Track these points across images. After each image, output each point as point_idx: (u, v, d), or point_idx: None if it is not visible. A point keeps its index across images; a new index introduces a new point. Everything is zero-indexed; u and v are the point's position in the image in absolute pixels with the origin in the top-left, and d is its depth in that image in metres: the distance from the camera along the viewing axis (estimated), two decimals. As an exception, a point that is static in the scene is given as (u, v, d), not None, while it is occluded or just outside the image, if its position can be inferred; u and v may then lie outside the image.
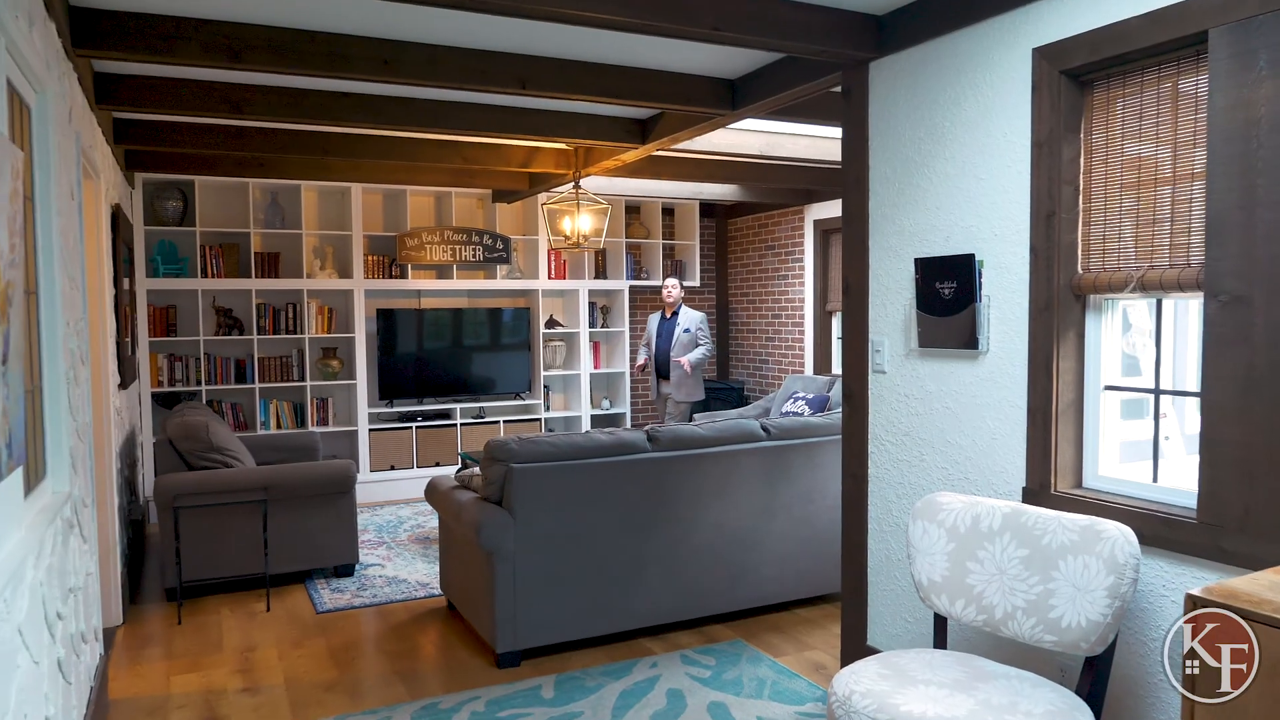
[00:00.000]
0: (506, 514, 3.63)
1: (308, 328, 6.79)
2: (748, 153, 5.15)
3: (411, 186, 6.89)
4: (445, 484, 4.21)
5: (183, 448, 4.61)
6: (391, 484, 6.97)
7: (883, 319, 3.28)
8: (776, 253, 8.08)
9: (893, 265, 3.21)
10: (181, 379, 6.51)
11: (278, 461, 5.78)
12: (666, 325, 7.00)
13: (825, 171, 6.45)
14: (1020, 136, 2.71)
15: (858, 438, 3.39)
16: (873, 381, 3.33)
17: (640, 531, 3.87)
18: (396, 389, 7.14)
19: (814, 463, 4.27)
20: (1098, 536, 2.28)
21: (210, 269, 6.49)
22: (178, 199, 6.38)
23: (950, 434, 3.00)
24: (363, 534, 5.85)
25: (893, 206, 3.20)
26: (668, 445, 3.95)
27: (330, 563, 4.88)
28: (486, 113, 4.43)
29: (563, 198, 5.62)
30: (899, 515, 3.23)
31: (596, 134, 4.73)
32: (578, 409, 7.77)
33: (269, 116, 4.06)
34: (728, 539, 4.06)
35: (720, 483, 4.04)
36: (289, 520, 4.72)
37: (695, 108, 4.01)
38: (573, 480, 3.73)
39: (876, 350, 3.30)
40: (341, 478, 4.81)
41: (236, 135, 4.90)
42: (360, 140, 5.12)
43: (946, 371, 3.00)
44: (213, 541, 4.56)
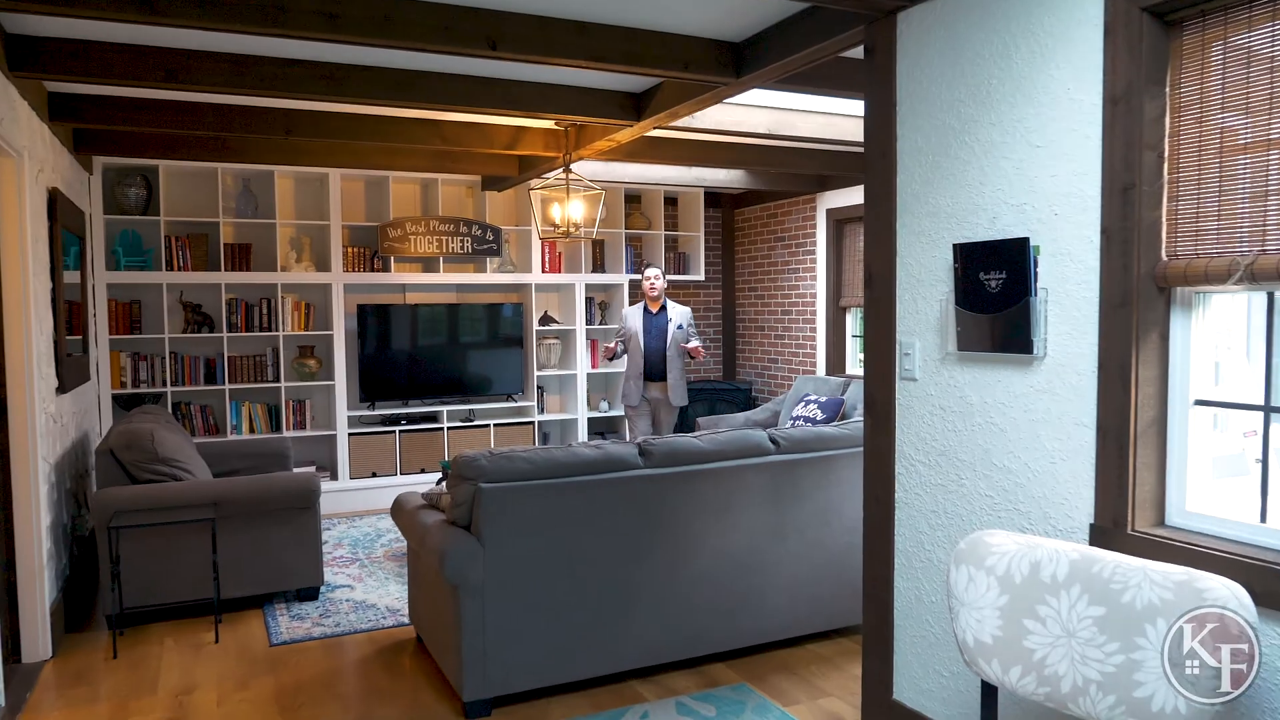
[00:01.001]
0: (475, 541, 3.15)
1: (283, 324, 6.32)
2: (754, 131, 4.64)
3: (394, 172, 6.41)
4: (412, 502, 3.73)
5: (125, 459, 4.15)
6: (372, 492, 6.50)
7: (913, 316, 2.78)
8: (786, 244, 7.57)
9: (925, 253, 2.71)
10: (146, 379, 6.06)
11: (245, 470, 5.33)
12: (655, 321, 6.27)
13: (839, 155, 5.95)
14: (1088, 92, 2.21)
15: (882, 456, 2.90)
16: (900, 390, 2.84)
17: (630, 559, 3.38)
18: (379, 390, 6.67)
19: (829, 479, 3.77)
20: (1199, 596, 1.77)
21: (177, 261, 6.03)
22: (141, 186, 5.91)
23: (997, 455, 2.50)
24: (336, 549, 5.38)
25: (925, 184, 2.69)
26: (662, 460, 3.46)
27: (292, 586, 4.41)
28: (459, 83, 3.94)
29: (551, 183, 5.13)
30: (932, 549, 2.73)
31: (586, 109, 4.24)
32: (574, 411, 7.28)
33: (210, 86, 3.58)
34: (731, 566, 3.57)
35: (722, 502, 3.55)
36: (244, 540, 4.25)
37: (694, 75, 3.51)
38: (552, 502, 3.24)
39: (905, 353, 2.80)
40: (302, 492, 4.34)
41: (187, 112, 4.43)
42: (326, 118, 4.64)
43: (992, 380, 2.50)
44: (157, 564, 4.10)
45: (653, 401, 6.28)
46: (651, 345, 6.24)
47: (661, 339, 6.22)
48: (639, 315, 6.29)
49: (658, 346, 6.23)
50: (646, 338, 6.25)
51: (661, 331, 6.24)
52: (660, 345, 6.22)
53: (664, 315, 6.26)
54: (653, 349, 6.23)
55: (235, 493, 4.21)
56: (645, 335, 6.24)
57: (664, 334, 6.23)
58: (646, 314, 6.29)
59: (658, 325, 6.27)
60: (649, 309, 6.29)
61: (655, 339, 6.25)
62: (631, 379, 6.27)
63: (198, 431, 6.21)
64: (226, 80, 3.58)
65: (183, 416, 6.18)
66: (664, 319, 6.26)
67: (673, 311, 6.27)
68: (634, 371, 6.25)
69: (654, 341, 6.24)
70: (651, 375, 6.25)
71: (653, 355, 6.23)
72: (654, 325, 6.28)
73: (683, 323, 6.25)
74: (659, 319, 6.27)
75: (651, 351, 6.23)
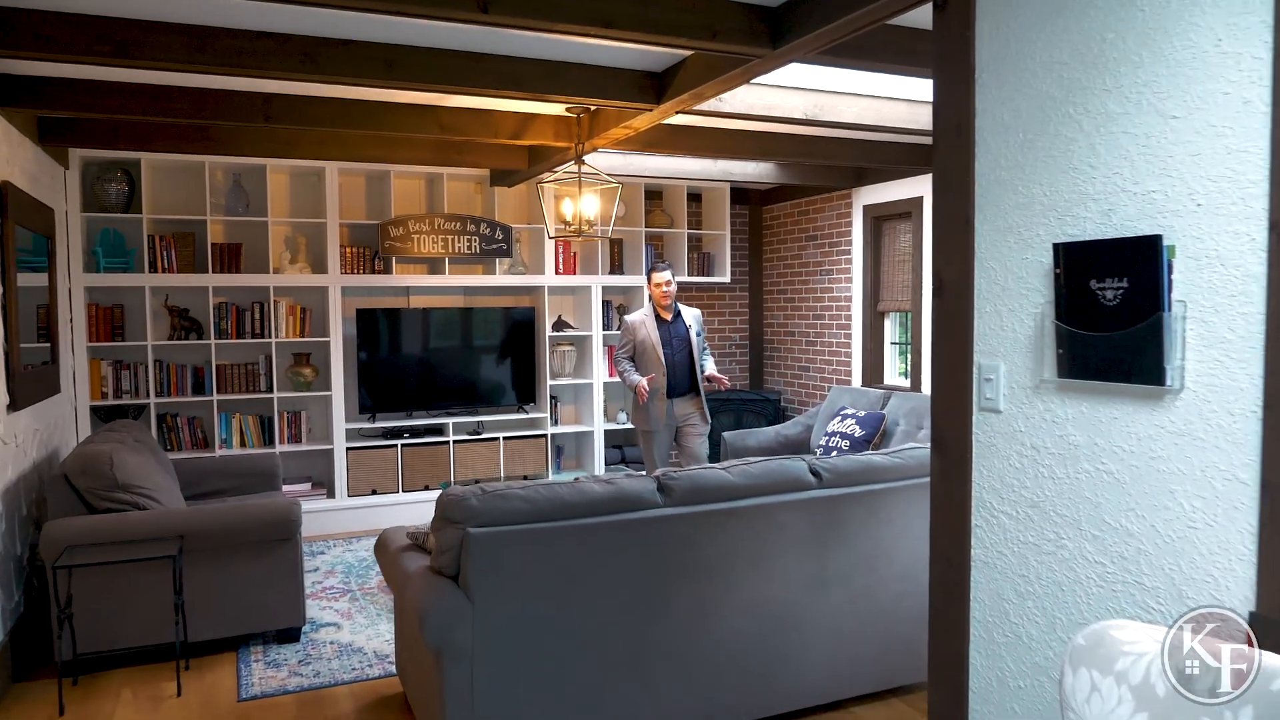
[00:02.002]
0: (462, 595, 2.65)
1: (276, 330, 5.87)
2: (789, 116, 4.11)
3: (395, 166, 5.94)
4: (396, 542, 3.24)
5: (81, 485, 3.70)
6: (372, 511, 6.04)
7: (996, 333, 2.24)
8: (819, 244, 7.03)
9: (1014, 254, 2.17)
10: (129, 390, 5.63)
11: (229, 490, 4.89)
12: (671, 330, 5.44)
13: (878, 145, 5.41)
14: (1249, 43, 1.67)
15: (954, 504, 2.36)
16: (979, 424, 2.30)
17: (647, 615, 2.87)
18: (380, 401, 6.20)
19: (878, 517, 3.24)
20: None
21: (161, 262, 5.59)
22: (122, 181, 5.48)
23: (1111, 512, 1.96)
24: (327, 576, 4.92)
25: (1015, 167, 2.16)
26: (685, 498, 2.95)
27: (269, 626, 3.94)
28: (452, 60, 3.45)
29: (561, 176, 4.63)
30: (1021, 623, 2.20)
31: (598, 90, 3.74)
32: (589, 423, 6.78)
33: (168, 62, 3.11)
34: (764, 621, 3.05)
35: (755, 546, 3.03)
36: (215, 575, 3.79)
37: (723, 46, 2.99)
38: (555, 548, 2.74)
39: (986, 379, 2.26)
40: (281, 522, 3.86)
41: (158, 96, 3.97)
42: (309, 103, 4.17)
43: (1106, 416, 1.97)
44: (116, 603, 3.64)
45: (681, 420, 5.48)
46: (675, 358, 5.44)
47: (684, 350, 5.46)
48: (651, 324, 5.45)
49: (682, 359, 5.44)
50: (667, 350, 5.43)
51: (682, 341, 5.47)
52: (684, 357, 5.45)
53: (680, 322, 5.50)
54: (677, 361, 5.43)
55: (204, 523, 3.75)
56: (665, 348, 5.42)
57: (685, 343, 5.47)
58: (660, 323, 5.48)
59: (676, 334, 5.48)
60: (660, 316, 5.48)
61: (678, 350, 5.45)
62: (653, 399, 5.40)
63: (185, 445, 5.78)
64: (185, 55, 3.11)
65: (169, 429, 5.74)
66: (681, 326, 5.49)
67: (688, 316, 5.54)
68: (654, 390, 5.41)
69: (677, 354, 5.45)
70: (677, 391, 5.44)
71: (678, 369, 5.43)
72: (673, 334, 5.47)
73: (699, 328, 5.55)
74: (675, 326, 5.49)
75: (676, 365, 5.43)
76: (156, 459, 4.32)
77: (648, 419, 5.43)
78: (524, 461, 6.47)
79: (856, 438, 5.38)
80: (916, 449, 3.41)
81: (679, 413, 5.46)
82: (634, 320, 5.51)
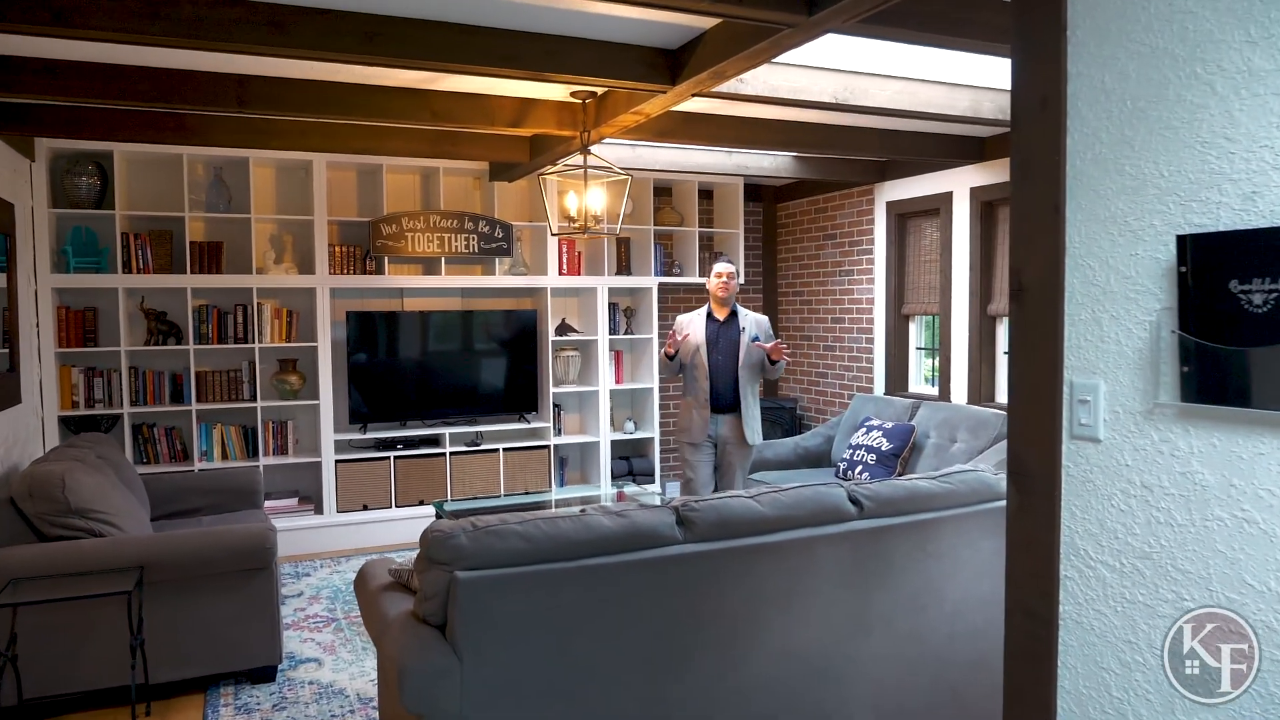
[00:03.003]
0: (449, 649, 2.26)
1: (260, 335, 5.49)
2: (819, 100, 3.72)
3: (387, 159, 5.56)
4: (377, 579, 2.85)
5: (29, 510, 3.32)
6: (363, 528, 5.65)
7: (1094, 346, 1.85)
8: (838, 242, 6.63)
9: (1120, 249, 1.78)
10: (101, 399, 5.25)
11: (206, 509, 4.52)
12: (722, 331, 4.75)
13: (904, 136, 5.02)
14: None
15: (1037, 548, 1.97)
16: (1071, 455, 1.90)
17: (665, 669, 2.48)
18: (371, 410, 5.81)
19: (926, 550, 2.85)
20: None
21: (137, 262, 5.21)
22: (93, 175, 5.10)
23: (1253, 570, 1.57)
24: (311, 602, 4.53)
25: (1121, 143, 1.76)
26: (708, 532, 2.56)
27: (241, 665, 3.55)
28: (440, 33, 3.07)
29: (565, 167, 4.24)
30: (1125, 697, 1.80)
31: (606, 70, 3.35)
32: (595, 433, 6.39)
33: (113, 31, 2.72)
34: (799, 672, 2.66)
35: (788, 586, 2.63)
36: (181, 609, 3.40)
37: (750, 12, 2.60)
38: (558, 595, 2.35)
39: (1081, 400, 1.87)
40: (254, 550, 3.48)
41: (119, 77, 3.59)
42: (287, 86, 3.78)
43: (1250, 452, 1.57)
44: (70, 641, 3.26)
45: (720, 441, 4.78)
46: (719, 363, 4.72)
47: (731, 355, 4.73)
48: (701, 323, 4.79)
49: (727, 365, 4.72)
50: (712, 353, 4.72)
51: (732, 345, 4.73)
52: (730, 363, 4.72)
53: (734, 324, 4.77)
54: (721, 368, 4.72)
55: (168, 552, 3.36)
56: (710, 350, 4.73)
57: (735, 348, 4.73)
58: (711, 322, 4.78)
59: (727, 337, 4.74)
60: (714, 314, 4.80)
61: (724, 355, 4.73)
62: (697, 408, 4.76)
63: (162, 458, 5.39)
64: (135, 24, 2.72)
65: (145, 441, 5.36)
66: (734, 329, 4.76)
67: (745, 320, 4.78)
68: (697, 398, 4.75)
69: (722, 359, 4.72)
70: (718, 404, 4.73)
71: (721, 377, 4.72)
72: (722, 337, 4.74)
73: (758, 334, 4.77)
74: (728, 328, 4.76)
75: (719, 372, 4.72)
76: (120, 477, 3.94)
77: (686, 428, 4.79)
78: (525, 474, 6.08)
79: (884, 451, 4.99)
80: (968, 472, 3.01)
81: (719, 432, 4.77)
82: (687, 318, 4.87)
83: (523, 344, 6.18)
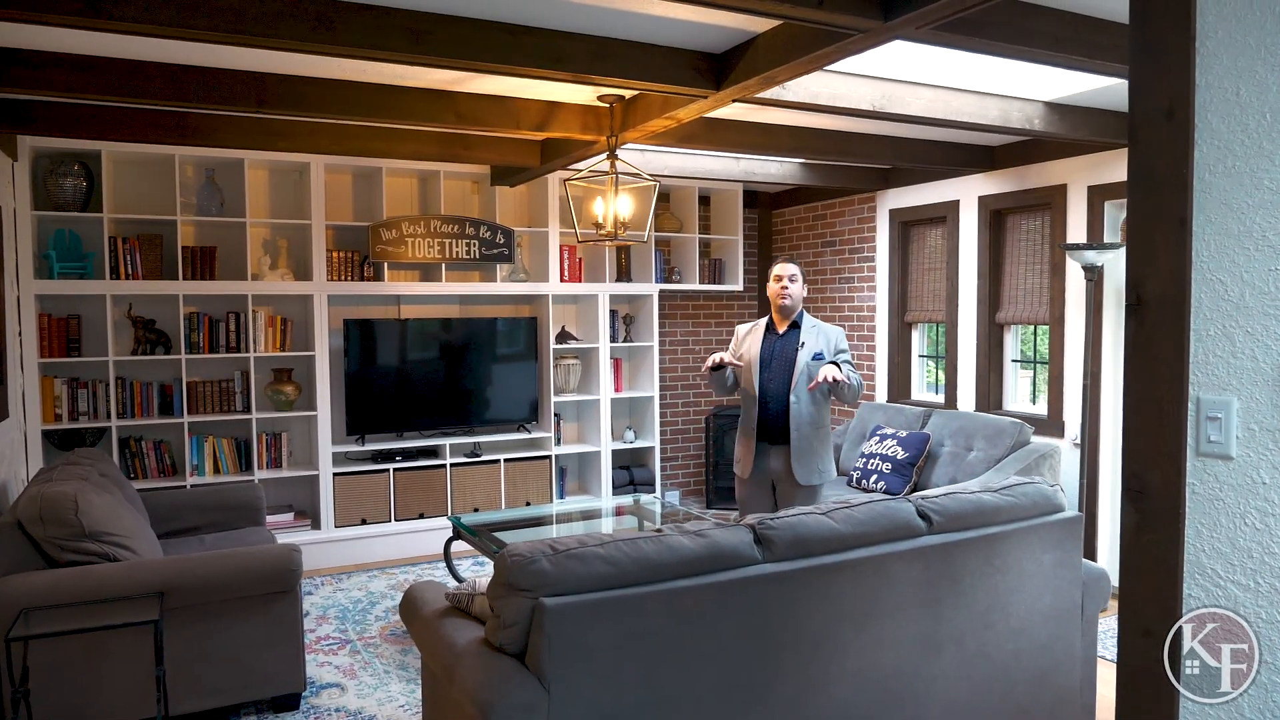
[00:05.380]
0: (534, 681, 2.15)
1: (254, 344, 5.27)
2: (857, 108, 3.67)
3: (389, 162, 5.39)
4: (431, 603, 2.71)
5: (41, 535, 3.11)
6: (362, 543, 5.47)
7: (1225, 362, 1.81)
8: (837, 250, 6.62)
9: (1255, 263, 1.74)
10: (86, 411, 4.99)
11: (205, 527, 4.32)
12: (779, 345, 3.90)
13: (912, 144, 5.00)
14: None
15: (1157, 566, 1.92)
16: (1196, 472, 1.86)
17: (747, 698, 2.39)
18: (369, 421, 5.63)
19: (993, 565, 2.81)
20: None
21: (125, 268, 4.97)
22: (79, 176, 4.85)
23: None
24: (320, 623, 4.35)
25: (1259, 156, 1.73)
26: (787, 551, 2.48)
27: (264, 694, 3.38)
28: (491, 33, 2.95)
29: (592, 173, 4.14)
30: (1256, 719, 1.77)
31: (652, 73, 3.26)
32: (595, 443, 6.28)
33: (150, 24, 2.55)
34: (874, 694, 2.59)
35: (864, 606, 2.57)
36: (200, 636, 3.22)
37: (828, 16, 2.53)
38: (644, 620, 2.25)
39: (1210, 417, 1.83)
40: (280, 572, 3.31)
41: (130, 74, 3.40)
42: (310, 86, 3.62)
43: None
44: (84, 673, 3.06)
45: (773, 476, 3.91)
46: (769, 384, 3.86)
47: (784, 375, 3.84)
48: (758, 336, 3.97)
49: (777, 388, 3.83)
50: (764, 372, 3.88)
51: (787, 362, 3.84)
52: (781, 386, 3.83)
53: (793, 337, 3.89)
54: (770, 390, 3.85)
55: (188, 576, 3.18)
56: (762, 369, 3.89)
57: (789, 366, 3.83)
58: (769, 334, 3.95)
59: (782, 353, 3.88)
60: (773, 326, 3.96)
61: (775, 374, 3.85)
62: (743, 436, 3.98)
63: (150, 473, 5.15)
64: (174, 17, 2.56)
65: (132, 455, 5.12)
66: (792, 343, 3.87)
67: (808, 333, 3.86)
68: (746, 426, 3.96)
69: (772, 379, 3.85)
70: (767, 434, 3.87)
71: (770, 400, 3.85)
72: (775, 352, 3.89)
73: (822, 350, 3.83)
74: (785, 342, 3.89)
75: (770, 395, 3.85)
76: (125, 495, 3.74)
77: (738, 458, 4.02)
78: (526, 485, 5.94)
79: (899, 460, 4.96)
80: (1027, 484, 2.98)
81: (771, 465, 3.89)
82: (744, 327, 4.09)
83: (523, 352, 6.05)
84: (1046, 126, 4.16)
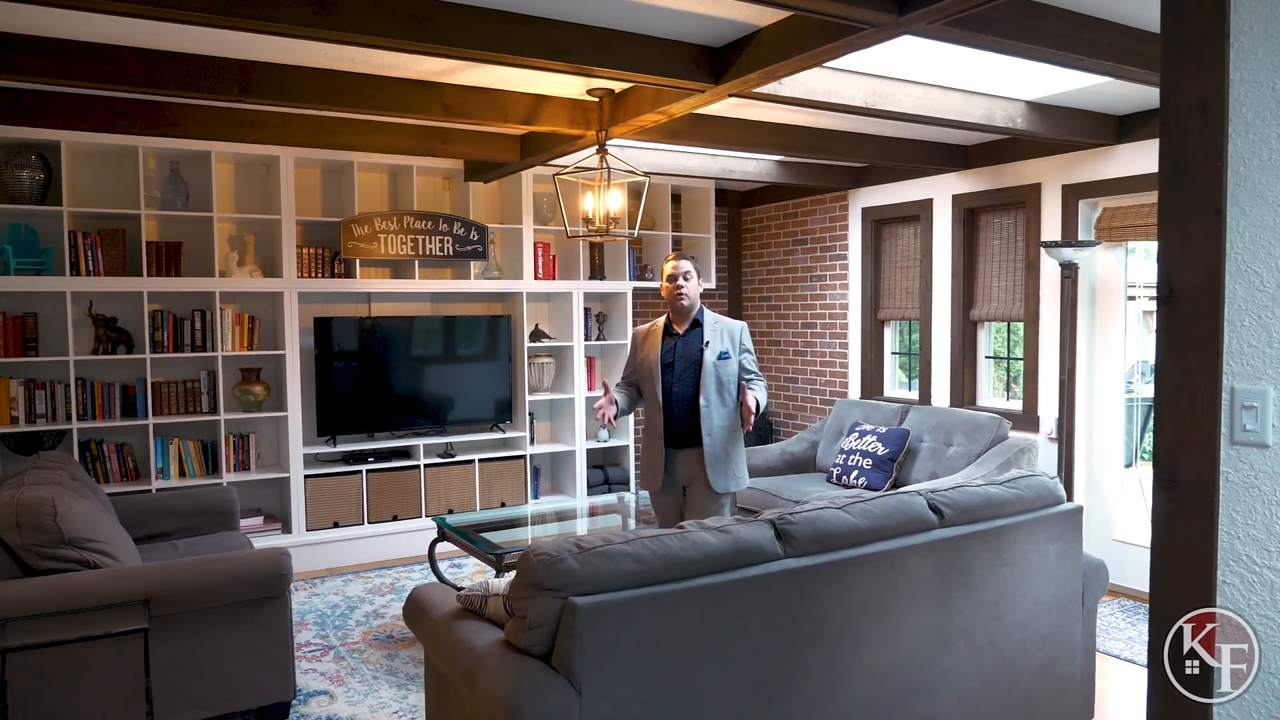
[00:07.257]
0: (563, 683, 2.10)
1: (221, 343, 5.10)
2: (850, 104, 3.68)
3: (360, 155, 5.26)
4: (440, 606, 2.63)
5: (17, 542, 2.95)
6: (335, 546, 5.33)
7: (1260, 351, 1.84)
8: (809, 248, 6.66)
9: (1294, 255, 1.78)
10: (44, 414, 4.77)
11: (176, 533, 4.17)
12: (681, 346, 3.66)
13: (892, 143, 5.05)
14: None
15: (1191, 553, 1.95)
16: (1231, 460, 1.89)
17: (770, 695, 2.37)
18: (340, 421, 5.49)
19: (1000, 557, 2.83)
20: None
21: (85, 264, 4.76)
22: (37, 167, 4.63)
23: None
24: (299, 629, 4.23)
25: (1302, 146, 1.77)
26: (808, 546, 2.47)
27: (251, 703, 3.25)
28: (492, 22, 2.90)
29: (579, 168, 4.09)
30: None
31: (652, 65, 3.23)
32: (570, 442, 6.21)
33: (141, 4, 2.44)
34: (890, 688, 2.60)
35: (880, 599, 2.57)
36: (185, 644, 3.09)
37: (839, 8, 2.52)
38: (673, 618, 2.21)
39: (1245, 406, 1.86)
40: (269, 577, 3.19)
41: (102, 58, 3.24)
42: (296, 75, 3.51)
43: None
44: (66, 685, 2.91)
45: (683, 482, 3.69)
46: (674, 388, 3.63)
47: (690, 377, 3.62)
48: (657, 338, 3.72)
49: (683, 391, 3.61)
50: (665, 375, 3.65)
51: (691, 364, 3.62)
52: (687, 388, 3.61)
53: (695, 336, 3.66)
54: (676, 393, 3.62)
55: (174, 583, 3.04)
56: (663, 372, 3.65)
57: (694, 368, 3.62)
58: (669, 336, 3.71)
59: (685, 354, 3.65)
60: (672, 326, 3.72)
61: (680, 377, 3.63)
62: (650, 446, 3.73)
63: (113, 477, 4.95)
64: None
65: (93, 458, 4.90)
66: (695, 341, 3.65)
67: (711, 332, 3.64)
68: (653, 433, 3.71)
69: (677, 382, 3.63)
70: (676, 438, 3.62)
71: (677, 404, 3.62)
72: (678, 353, 3.66)
73: (727, 349, 3.63)
74: (688, 342, 3.66)
75: (674, 399, 3.62)
76: (99, 500, 3.57)
77: (642, 470, 3.80)
78: (501, 486, 5.86)
79: (879, 455, 5.01)
80: (1030, 477, 3.02)
81: (681, 472, 3.66)
82: (640, 329, 3.87)
83: (497, 351, 5.96)
84: (1029, 126, 4.23)
